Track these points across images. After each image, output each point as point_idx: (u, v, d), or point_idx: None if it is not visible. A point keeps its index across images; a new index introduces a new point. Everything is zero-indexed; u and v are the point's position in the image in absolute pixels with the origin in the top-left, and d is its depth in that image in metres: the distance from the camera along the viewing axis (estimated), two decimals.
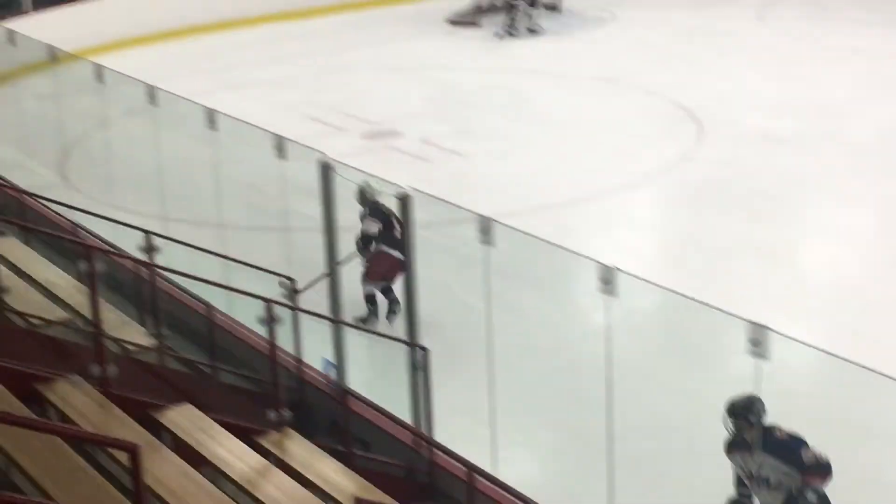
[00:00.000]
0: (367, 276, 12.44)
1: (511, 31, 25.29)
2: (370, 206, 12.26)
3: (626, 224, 15.17)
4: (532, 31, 25.35)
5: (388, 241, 12.18)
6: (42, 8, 25.06)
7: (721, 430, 8.40)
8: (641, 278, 8.54)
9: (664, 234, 15.29)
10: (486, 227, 8.84)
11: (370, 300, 12.37)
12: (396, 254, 11.54)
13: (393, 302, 12.34)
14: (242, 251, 12.50)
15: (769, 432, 8.28)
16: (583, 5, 27.15)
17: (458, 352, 11.25)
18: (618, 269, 8.53)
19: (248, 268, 11.38)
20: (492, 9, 26.49)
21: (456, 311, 12.05)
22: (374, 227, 12.26)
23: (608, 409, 8.62)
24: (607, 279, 8.41)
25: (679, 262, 13.85)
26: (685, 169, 16.93)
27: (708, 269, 13.35)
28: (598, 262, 8.32)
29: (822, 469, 8.17)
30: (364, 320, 12.18)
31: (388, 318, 12.32)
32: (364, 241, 12.37)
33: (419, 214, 9.70)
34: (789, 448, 8.21)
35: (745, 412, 8.28)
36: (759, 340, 7.36)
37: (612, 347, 8.63)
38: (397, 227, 11.52)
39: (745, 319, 7.38)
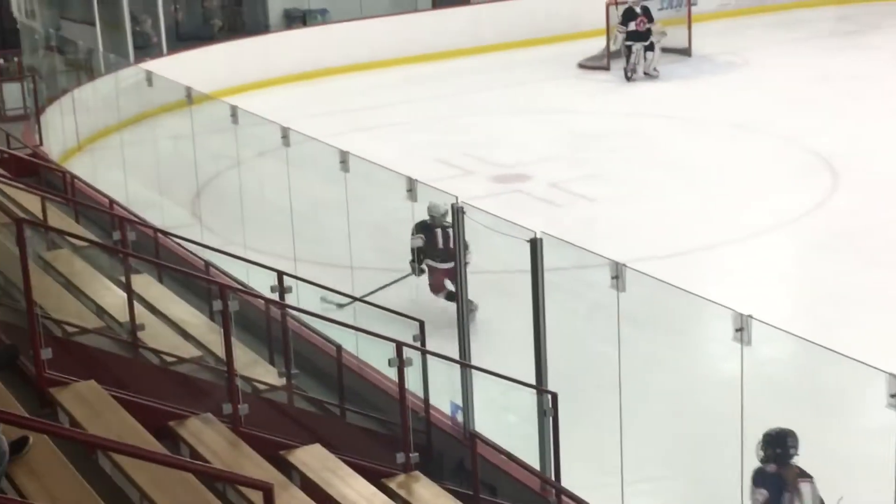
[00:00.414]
0: (431, 290, 13.57)
1: (628, 73, 25.25)
2: (421, 224, 13.46)
3: (756, 271, 14.94)
4: (649, 75, 25.30)
5: (432, 254, 13.46)
6: (178, 50, 25.56)
7: (866, 487, 8.24)
8: (778, 327, 8.36)
9: (796, 283, 15.02)
10: (617, 273, 8.76)
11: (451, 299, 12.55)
12: (443, 265, 13.31)
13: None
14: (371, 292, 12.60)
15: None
16: (714, 50, 26.95)
17: (586, 397, 11.15)
18: (752, 317, 8.40)
19: (377, 309, 11.44)
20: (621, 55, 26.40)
21: (584, 356, 11.96)
22: (419, 242, 13.41)
23: (741, 461, 8.47)
24: (741, 327, 8.29)
25: (810, 311, 13.61)
26: (819, 217, 16.65)
27: (840, 318, 13.09)
28: (733, 310, 8.20)
29: None
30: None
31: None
32: (414, 256, 13.53)
33: (548, 258, 9.65)
34: None
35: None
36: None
37: (745, 397, 8.49)
38: (440, 239, 13.46)
39: (885, 371, 7.21)
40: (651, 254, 14.66)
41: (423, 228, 13.49)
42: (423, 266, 13.60)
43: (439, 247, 13.61)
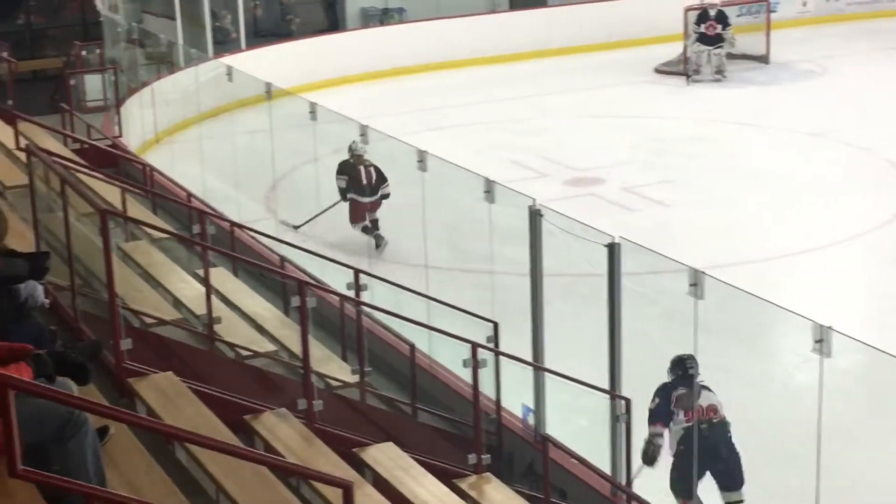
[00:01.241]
0: (351, 220, 15.73)
1: (690, 73, 25.33)
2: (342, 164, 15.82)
3: (831, 281, 14.81)
4: (717, 77, 25.27)
5: (357, 190, 15.61)
6: (256, 45, 25.72)
7: None
8: (857, 339, 8.29)
9: (872, 293, 14.88)
10: (696, 280, 8.71)
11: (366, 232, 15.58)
12: (364, 199, 15.62)
13: (377, 238, 15.51)
14: (445, 292, 12.60)
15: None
16: (792, 57, 26.74)
17: None
18: (832, 328, 8.33)
19: (450, 309, 11.44)
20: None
21: (657, 362, 11.89)
22: (343, 182, 15.77)
23: (818, 471, 8.40)
24: (821, 338, 8.22)
25: (887, 323, 13.46)
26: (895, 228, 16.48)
27: None
28: (813, 321, 8.13)
29: None
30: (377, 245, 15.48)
31: (377, 250, 15.31)
32: (340, 193, 15.89)
33: (623, 263, 9.61)
34: None
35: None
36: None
37: (822, 409, 8.42)
38: (363, 176, 15.66)
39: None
40: (723, 261, 14.56)
41: (345, 169, 15.81)
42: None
43: (363, 183, 15.77)
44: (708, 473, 9.94)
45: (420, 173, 12.00)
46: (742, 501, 10.01)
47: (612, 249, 9.38)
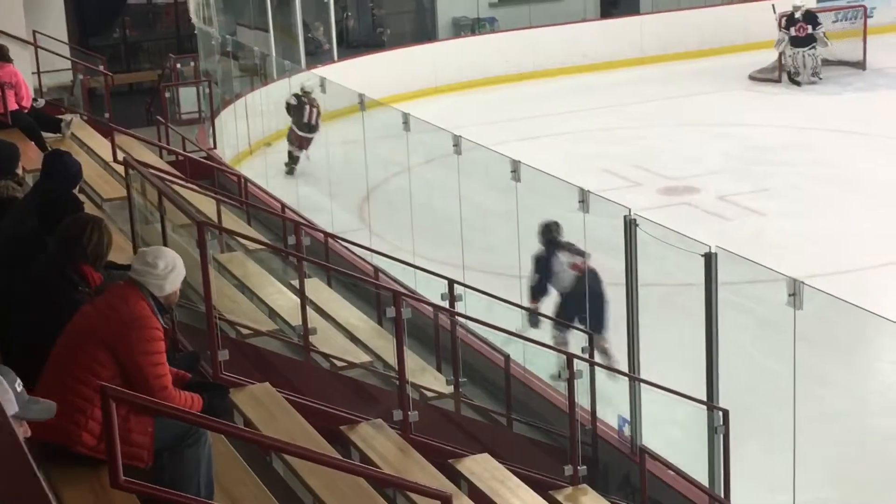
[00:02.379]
0: (288, 141, 20.18)
1: (792, 77, 25.22)
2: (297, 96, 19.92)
3: None
4: (812, 81, 25.23)
5: (298, 123, 19.98)
6: (348, 56, 25.87)
7: None
8: None
9: None
10: (795, 290, 8.60)
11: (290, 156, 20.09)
12: (301, 133, 20.03)
13: (291, 165, 20.05)
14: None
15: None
16: (889, 63, 26.36)
17: (755, 414, 10.97)
18: None
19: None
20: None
21: (754, 373, 11.77)
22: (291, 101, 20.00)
23: None
24: None
25: None
26: None
27: None
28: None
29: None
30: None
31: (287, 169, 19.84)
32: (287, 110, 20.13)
33: (721, 272, 9.51)
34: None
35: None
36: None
37: None
38: (306, 114, 19.91)
39: None
40: (822, 270, 14.38)
41: (295, 103, 20.00)
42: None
43: (304, 120, 19.98)
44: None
45: (513, 183, 11.96)
46: (607, 342, 11.87)
47: (709, 259, 9.28)
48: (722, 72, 26.95)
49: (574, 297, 12.17)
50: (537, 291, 12.44)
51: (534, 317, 12.19)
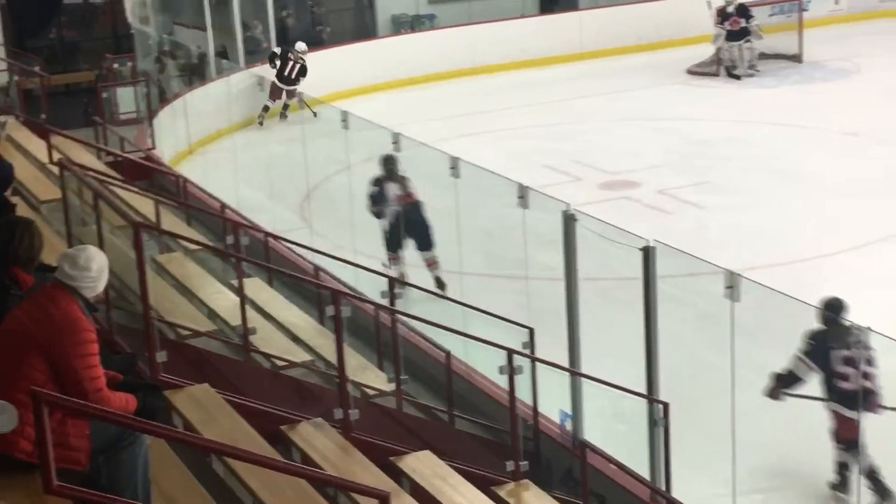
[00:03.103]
0: (269, 96, 22.52)
1: (731, 71, 25.62)
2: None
3: (870, 283, 14.67)
4: (751, 72, 25.62)
5: (280, 77, 22.83)
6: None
7: None
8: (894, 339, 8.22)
9: None
10: (732, 282, 8.65)
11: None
12: (281, 84, 23.01)
13: (264, 110, 22.58)
14: (480, 298, 12.56)
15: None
16: (825, 56, 26.59)
17: (696, 407, 11.02)
18: (870, 329, 8.27)
19: (486, 315, 11.41)
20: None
21: (694, 365, 11.84)
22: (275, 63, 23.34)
23: (857, 474, 8.33)
24: (859, 339, 8.16)
25: None
26: None
27: None
28: (851, 323, 8.07)
29: None
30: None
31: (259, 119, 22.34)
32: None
33: (658, 266, 9.55)
34: None
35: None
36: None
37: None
38: (288, 66, 23.28)
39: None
40: (761, 263, 14.47)
41: (278, 55, 23.35)
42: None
43: (285, 74, 23.10)
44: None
45: (453, 180, 11.97)
46: (436, 257, 14.29)
47: (647, 253, 9.33)
48: (660, 66, 27.11)
49: (399, 224, 14.47)
50: (372, 207, 14.72)
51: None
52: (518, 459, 9.23)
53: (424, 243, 14.50)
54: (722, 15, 25.68)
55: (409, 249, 14.54)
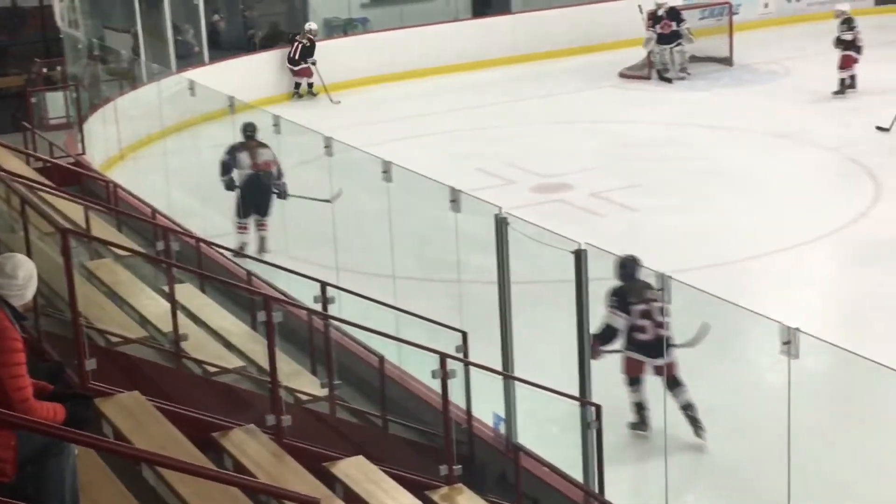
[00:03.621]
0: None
1: (662, 74, 25.84)
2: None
3: (802, 282, 14.84)
4: (682, 75, 25.83)
5: (288, 59, 25.48)
6: (219, 59, 25.62)
7: None
8: (825, 340, 8.29)
9: (840, 294, 14.90)
10: (663, 284, 8.70)
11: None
12: (289, 66, 25.65)
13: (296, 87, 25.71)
14: (413, 302, 12.54)
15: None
16: (755, 59, 26.83)
17: (629, 409, 11.08)
18: (799, 330, 8.32)
19: (420, 319, 11.40)
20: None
21: None
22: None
23: (788, 472, 8.39)
24: (789, 340, 8.21)
25: (856, 323, 13.50)
26: (862, 227, 16.52)
27: (886, 330, 12.97)
28: (780, 323, 8.13)
29: None
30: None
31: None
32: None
33: (592, 269, 9.59)
34: None
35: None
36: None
37: (792, 410, 8.41)
38: (291, 49, 25.12)
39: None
40: (694, 264, 14.57)
41: (288, 38, 25.05)
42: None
43: (289, 55, 25.52)
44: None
45: (385, 184, 11.95)
46: (265, 226, 15.98)
47: (579, 256, 9.35)
48: (593, 69, 27.24)
49: (250, 191, 15.92)
50: (221, 175, 16.03)
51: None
52: (451, 463, 9.22)
53: (262, 210, 16.11)
54: (653, 18, 25.85)
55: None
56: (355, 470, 8.59)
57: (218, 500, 6.79)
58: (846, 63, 23.84)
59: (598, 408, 9.58)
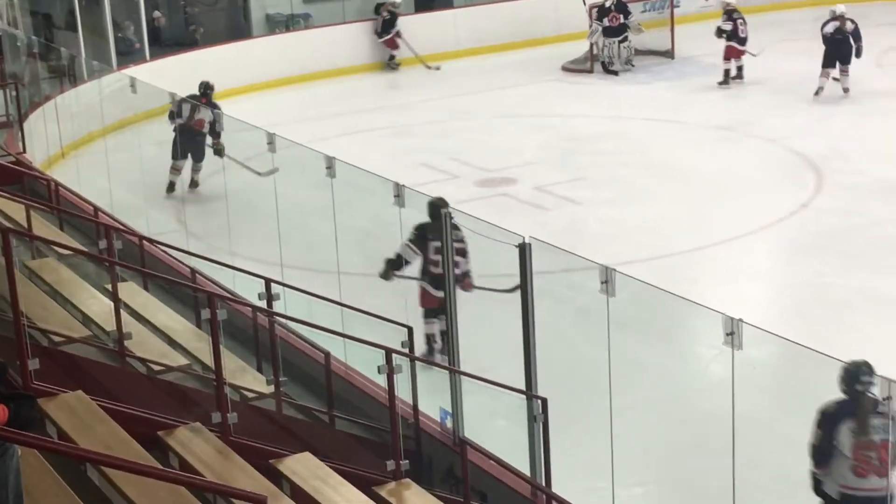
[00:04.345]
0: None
1: (609, 67, 25.96)
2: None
3: (745, 274, 14.94)
4: (627, 68, 26.01)
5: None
6: (161, 56, 25.47)
7: None
8: (767, 330, 8.34)
9: (784, 285, 15.02)
10: (607, 277, 8.72)
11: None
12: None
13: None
14: (359, 298, 12.52)
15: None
16: (697, 52, 26.95)
17: (576, 402, 11.11)
18: (742, 321, 8.36)
19: (365, 315, 11.38)
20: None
21: (573, 361, 11.93)
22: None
23: (733, 463, 8.44)
24: (732, 331, 8.25)
25: (799, 313, 13.60)
26: (805, 218, 16.66)
27: (829, 320, 13.10)
28: (723, 314, 8.17)
29: None
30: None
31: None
32: None
33: (536, 262, 9.61)
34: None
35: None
36: (890, 395, 7.17)
37: (735, 401, 8.46)
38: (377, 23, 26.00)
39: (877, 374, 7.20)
40: (638, 257, 14.67)
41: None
42: None
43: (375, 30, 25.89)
44: None
45: (329, 179, 11.93)
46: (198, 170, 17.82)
47: (523, 249, 9.36)
48: (536, 63, 27.30)
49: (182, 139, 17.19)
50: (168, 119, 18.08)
51: None
52: (398, 458, 9.22)
53: (196, 156, 18.30)
54: (600, 10, 25.91)
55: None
56: (302, 466, 8.57)
57: (164, 500, 6.77)
58: (728, 54, 24.29)
59: (545, 401, 9.60)
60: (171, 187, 18.23)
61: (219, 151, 17.52)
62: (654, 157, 19.92)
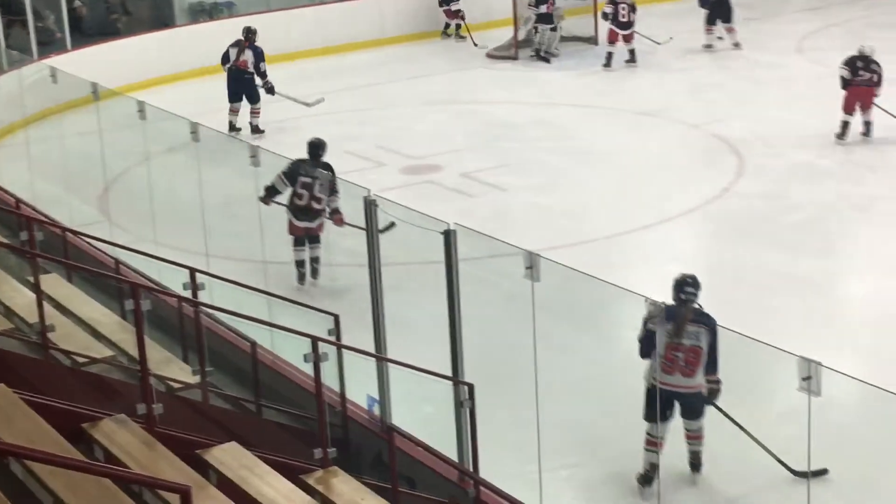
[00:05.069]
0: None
1: (542, 54, 26.04)
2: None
3: (668, 257, 15.03)
4: (551, 55, 26.08)
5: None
6: (82, 45, 25.21)
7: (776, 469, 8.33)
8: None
9: (706, 268, 15.10)
10: (531, 262, 8.78)
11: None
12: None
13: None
14: (285, 287, 12.52)
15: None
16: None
17: (503, 387, 11.17)
18: (664, 303, 8.47)
19: (291, 304, 11.37)
20: (530, 42, 26.52)
21: (500, 346, 11.99)
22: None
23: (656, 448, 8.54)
24: (654, 314, 8.36)
25: (721, 296, 13.68)
26: (727, 202, 16.83)
27: (751, 302, 13.24)
28: (646, 298, 8.26)
29: None
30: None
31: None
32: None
33: (461, 249, 9.65)
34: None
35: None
36: (809, 376, 7.27)
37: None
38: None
39: (795, 354, 7.30)
40: (564, 242, 14.77)
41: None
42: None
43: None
44: None
45: (253, 168, 11.90)
46: (256, 113, 20.45)
47: (448, 236, 9.40)
48: (461, 50, 27.37)
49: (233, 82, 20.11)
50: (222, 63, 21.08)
51: None
52: (325, 446, 9.23)
53: (251, 99, 20.95)
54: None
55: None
56: (229, 456, 8.56)
57: (90, 492, 6.72)
58: (609, 37, 24.91)
59: (471, 386, 9.65)
60: (231, 127, 20.62)
61: (270, 89, 20.90)
62: (579, 143, 20.04)
